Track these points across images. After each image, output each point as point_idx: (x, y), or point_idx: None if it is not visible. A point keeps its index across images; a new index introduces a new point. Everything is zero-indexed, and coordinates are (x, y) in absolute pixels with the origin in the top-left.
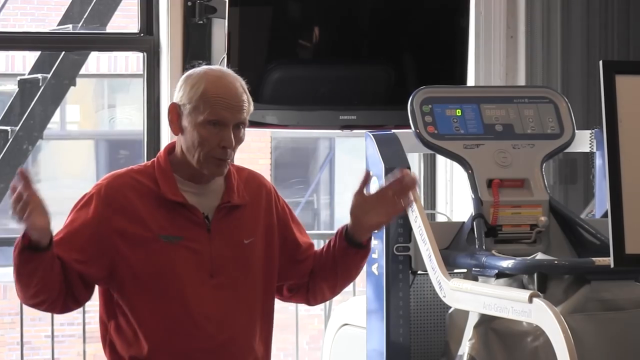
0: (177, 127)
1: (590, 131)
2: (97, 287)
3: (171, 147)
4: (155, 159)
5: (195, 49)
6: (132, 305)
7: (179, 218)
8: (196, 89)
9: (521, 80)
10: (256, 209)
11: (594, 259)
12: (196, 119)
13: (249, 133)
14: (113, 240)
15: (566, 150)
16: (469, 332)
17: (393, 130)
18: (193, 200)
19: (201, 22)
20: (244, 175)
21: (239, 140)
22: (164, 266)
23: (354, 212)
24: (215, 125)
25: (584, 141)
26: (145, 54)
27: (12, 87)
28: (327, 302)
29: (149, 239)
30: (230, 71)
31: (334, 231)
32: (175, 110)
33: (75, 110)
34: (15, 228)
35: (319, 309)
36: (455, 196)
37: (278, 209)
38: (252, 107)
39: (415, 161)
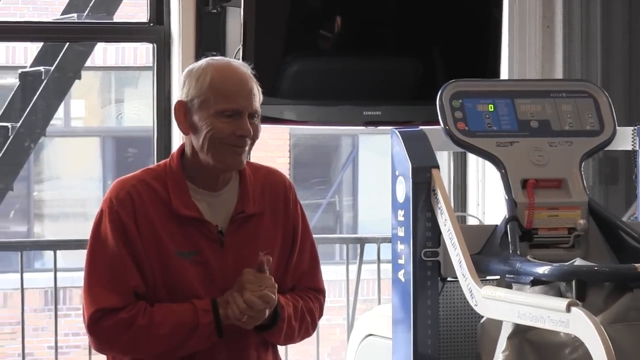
0: (185, 126)
1: (632, 128)
2: None
3: (183, 149)
4: (167, 160)
5: (208, 39)
6: None
7: (193, 232)
8: (202, 80)
9: (558, 74)
10: (274, 212)
11: (636, 265)
12: (208, 112)
13: (266, 130)
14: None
15: (607, 148)
16: (502, 343)
17: (421, 127)
18: (207, 211)
19: (215, 10)
20: (261, 176)
21: (257, 130)
22: (177, 283)
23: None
24: (229, 116)
25: (625, 138)
26: (155, 45)
27: (12, 80)
28: (350, 311)
29: (165, 256)
30: (235, 60)
31: (357, 235)
32: (182, 109)
33: (80, 105)
34: (16, 231)
35: (341, 318)
36: (487, 197)
37: (290, 218)
38: (261, 97)
39: (445, 160)
